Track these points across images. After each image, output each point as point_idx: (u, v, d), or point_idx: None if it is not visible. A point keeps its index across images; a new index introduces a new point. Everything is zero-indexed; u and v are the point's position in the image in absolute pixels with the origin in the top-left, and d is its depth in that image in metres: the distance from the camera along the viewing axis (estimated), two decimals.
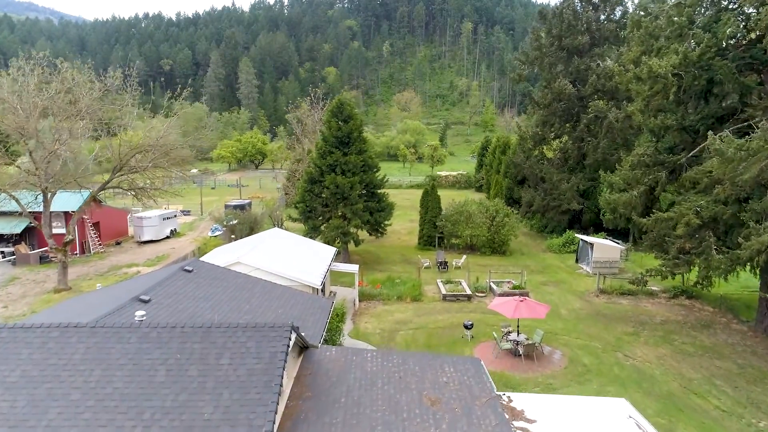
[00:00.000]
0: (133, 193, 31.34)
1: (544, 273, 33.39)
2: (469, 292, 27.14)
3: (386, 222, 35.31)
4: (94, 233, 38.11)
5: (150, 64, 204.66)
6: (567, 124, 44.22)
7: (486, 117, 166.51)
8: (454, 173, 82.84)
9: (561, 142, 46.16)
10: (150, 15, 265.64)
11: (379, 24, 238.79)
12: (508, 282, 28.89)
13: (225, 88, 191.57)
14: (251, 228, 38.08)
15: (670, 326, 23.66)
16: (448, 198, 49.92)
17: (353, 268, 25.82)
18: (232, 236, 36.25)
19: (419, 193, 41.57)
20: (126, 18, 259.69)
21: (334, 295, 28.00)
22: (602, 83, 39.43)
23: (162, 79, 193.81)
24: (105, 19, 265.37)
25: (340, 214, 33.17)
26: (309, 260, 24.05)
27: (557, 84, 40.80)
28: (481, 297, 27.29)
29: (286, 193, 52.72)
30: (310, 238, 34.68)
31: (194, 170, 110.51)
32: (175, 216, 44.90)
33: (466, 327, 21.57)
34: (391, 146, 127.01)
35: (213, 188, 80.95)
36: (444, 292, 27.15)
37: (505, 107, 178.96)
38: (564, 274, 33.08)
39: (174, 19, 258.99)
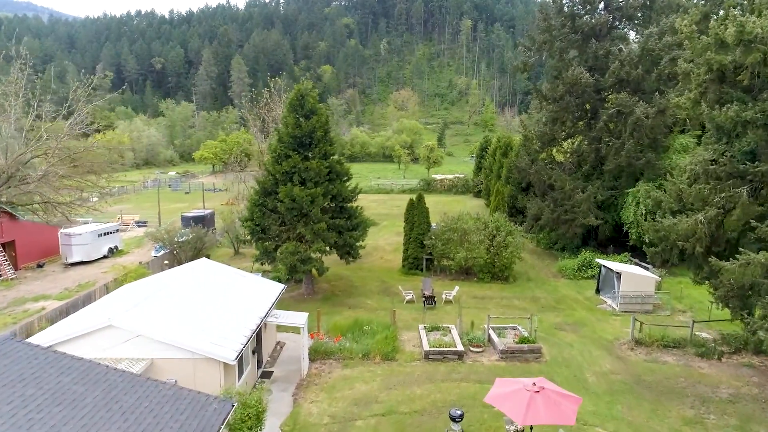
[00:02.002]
0: (32, 209, 24.43)
1: (557, 309, 26.37)
2: (460, 347, 20.04)
3: (359, 243, 28.23)
4: (3, 256, 31.08)
5: (141, 62, 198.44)
6: (581, 122, 37.25)
7: (486, 116, 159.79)
8: (451, 176, 75.70)
9: (574, 143, 39.14)
10: (142, 12, 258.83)
11: (377, 21, 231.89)
12: (513, 329, 21.87)
13: (217, 86, 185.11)
14: (198, 250, 31.00)
15: (745, 405, 16.63)
16: (441, 206, 43.09)
17: (300, 318, 18.64)
18: (165, 263, 29.05)
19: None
20: (117, 15, 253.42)
21: (281, 348, 21.05)
22: (627, 71, 32.35)
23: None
24: (95, 17, 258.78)
25: (298, 234, 26.13)
26: (232, 312, 17.00)
27: (570, 73, 33.74)
28: (478, 353, 20.24)
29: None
30: (262, 265, 27.73)
31: (172, 172, 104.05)
32: (117, 230, 37.76)
33: (453, 419, 14.55)
34: (386, 146, 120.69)
35: (187, 193, 73.68)
36: (427, 347, 20.05)
37: (505, 106, 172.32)
38: (583, 312, 26.03)
39: (167, 16, 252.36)
